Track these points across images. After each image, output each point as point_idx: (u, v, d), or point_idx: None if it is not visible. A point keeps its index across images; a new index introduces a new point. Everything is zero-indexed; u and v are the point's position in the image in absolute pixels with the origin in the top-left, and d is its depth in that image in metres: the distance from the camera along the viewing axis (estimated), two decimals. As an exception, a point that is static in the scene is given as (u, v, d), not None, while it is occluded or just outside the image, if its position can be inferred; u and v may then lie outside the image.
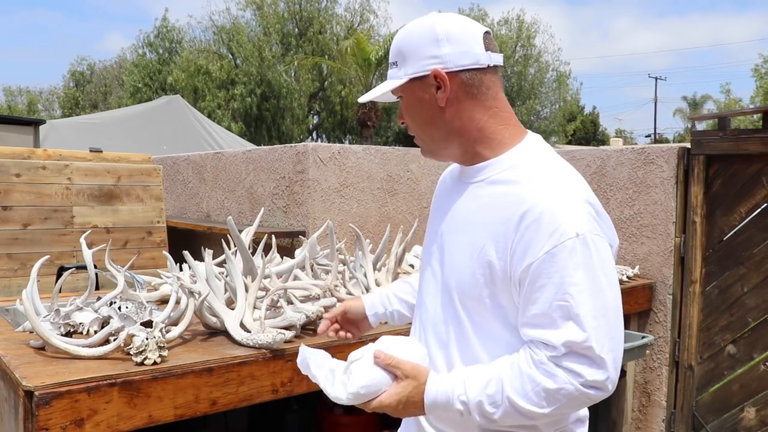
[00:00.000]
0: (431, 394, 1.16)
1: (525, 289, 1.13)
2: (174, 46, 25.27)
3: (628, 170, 3.59)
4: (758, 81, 27.71)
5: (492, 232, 1.17)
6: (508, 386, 1.12)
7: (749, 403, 3.20)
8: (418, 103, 1.27)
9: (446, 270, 1.28)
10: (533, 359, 1.12)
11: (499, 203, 1.18)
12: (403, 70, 1.27)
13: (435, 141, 1.30)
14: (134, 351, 1.68)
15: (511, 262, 1.14)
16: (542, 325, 1.12)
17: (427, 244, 1.40)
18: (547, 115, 27.37)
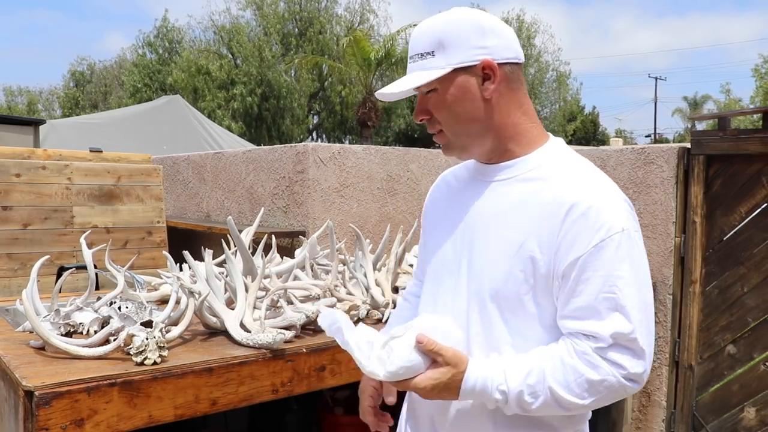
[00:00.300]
0: (469, 382, 1.14)
1: (570, 283, 1.14)
2: (174, 46, 25.27)
3: (628, 170, 3.59)
4: (758, 81, 27.72)
5: (534, 227, 1.17)
6: (550, 377, 1.13)
7: (749, 403, 3.20)
8: (462, 94, 1.21)
9: (476, 270, 1.23)
10: (576, 350, 1.13)
11: (537, 199, 1.19)
12: (445, 59, 1.20)
13: (471, 136, 1.25)
14: (134, 351, 1.68)
15: (556, 256, 1.15)
16: (587, 317, 1.13)
17: (438, 248, 1.33)
18: (547, 115, 27.37)
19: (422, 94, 1.25)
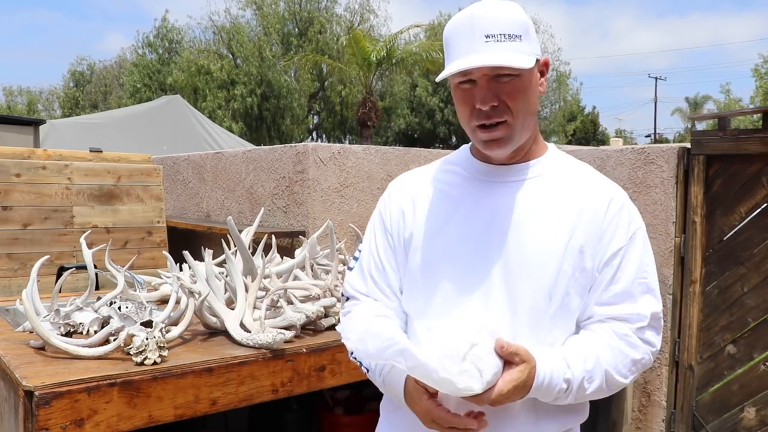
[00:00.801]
0: (541, 375, 1.13)
1: (611, 271, 1.21)
2: (174, 46, 25.27)
3: (628, 170, 3.59)
4: (758, 81, 27.72)
5: (580, 222, 1.21)
6: (603, 361, 1.18)
7: (749, 403, 3.20)
8: (535, 85, 1.22)
9: (519, 272, 1.20)
10: (617, 333, 1.21)
11: (576, 195, 1.23)
12: (530, 47, 1.19)
13: (528, 129, 1.23)
14: (134, 351, 1.68)
15: (598, 248, 1.21)
16: (623, 301, 1.22)
17: (450, 256, 1.23)
18: (547, 115, 27.35)
19: (491, 78, 1.16)
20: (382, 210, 1.38)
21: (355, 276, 1.38)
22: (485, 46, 1.14)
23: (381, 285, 1.33)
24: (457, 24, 1.19)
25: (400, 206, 1.33)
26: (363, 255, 1.39)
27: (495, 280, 1.21)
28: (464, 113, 1.22)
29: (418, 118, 26.29)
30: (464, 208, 1.26)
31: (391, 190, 1.39)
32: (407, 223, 1.31)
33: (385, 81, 24.34)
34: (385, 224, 1.35)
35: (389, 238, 1.34)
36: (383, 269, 1.34)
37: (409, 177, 1.39)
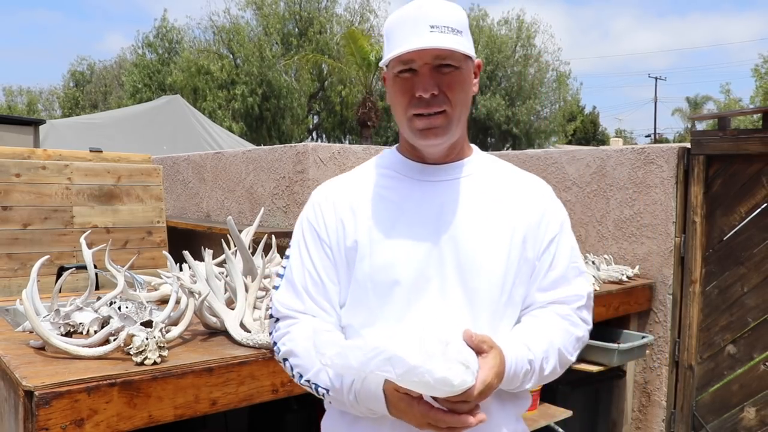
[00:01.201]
0: (509, 360, 1.15)
1: (548, 258, 1.28)
2: (174, 46, 25.26)
3: (628, 170, 3.59)
4: (758, 81, 27.72)
5: (522, 215, 1.27)
6: (555, 341, 1.24)
7: (749, 403, 3.20)
8: (470, 82, 1.24)
9: (471, 267, 1.22)
10: (560, 314, 1.28)
11: (510, 189, 1.29)
12: (469, 44, 1.22)
13: (462, 124, 1.26)
14: (134, 351, 1.68)
15: (537, 238, 1.28)
16: (561, 285, 1.29)
17: (402, 259, 1.21)
18: (547, 115, 27.35)
19: (433, 68, 1.18)
20: (314, 222, 1.29)
21: (287, 294, 1.29)
22: (430, 35, 1.15)
23: (319, 300, 1.26)
24: (401, 16, 1.20)
25: (338, 216, 1.27)
26: (293, 271, 1.29)
27: (450, 278, 1.22)
28: (401, 102, 1.21)
29: (418, 118, 26.23)
30: (409, 211, 1.25)
31: (319, 200, 1.31)
32: (348, 233, 1.25)
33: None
34: (320, 236, 1.28)
35: (327, 250, 1.27)
36: (321, 283, 1.26)
37: (339, 185, 1.32)
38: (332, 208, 1.28)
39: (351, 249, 1.25)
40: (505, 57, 25.82)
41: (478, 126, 26.04)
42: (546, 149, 4.69)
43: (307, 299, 1.26)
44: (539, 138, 26.66)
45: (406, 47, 1.15)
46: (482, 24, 27.07)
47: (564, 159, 3.93)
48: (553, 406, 3.09)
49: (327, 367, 1.12)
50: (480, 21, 27.12)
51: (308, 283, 1.27)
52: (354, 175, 1.35)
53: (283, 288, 1.30)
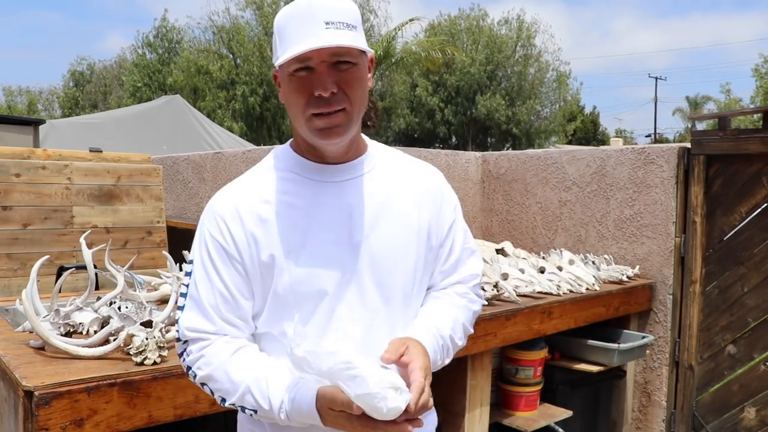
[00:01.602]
0: (430, 350, 1.21)
1: (448, 242, 1.35)
2: (173, 46, 25.26)
3: (629, 170, 3.59)
4: (758, 81, 27.72)
5: (424, 207, 1.31)
6: (459, 318, 1.34)
7: (749, 403, 3.20)
8: (366, 78, 1.22)
9: (384, 265, 1.24)
10: (458, 293, 1.38)
11: (409, 180, 1.32)
12: (362, 39, 1.19)
13: (359, 121, 1.23)
14: (134, 351, 1.68)
15: (438, 226, 1.33)
16: (459, 267, 1.38)
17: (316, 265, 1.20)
18: (547, 115, 27.36)
19: (330, 65, 1.15)
20: (219, 237, 1.21)
21: (194, 315, 1.22)
22: (326, 32, 1.12)
23: (231, 318, 1.22)
24: (294, 12, 1.16)
25: (247, 230, 1.21)
26: (199, 290, 1.22)
27: (366, 279, 1.23)
28: (299, 102, 1.16)
29: (418, 118, 26.29)
30: (319, 217, 1.22)
31: (222, 214, 1.22)
32: (262, 246, 1.20)
33: (385, 81, 24.33)
34: (228, 252, 1.21)
35: (238, 266, 1.21)
36: (234, 301, 1.22)
37: (240, 194, 1.25)
38: (239, 221, 1.21)
39: (266, 263, 1.20)
40: (505, 57, 25.83)
41: (478, 126, 26.05)
42: (546, 149, 4.69)
43: (217, 319, 1.21)
44: (539, 138, 26.67)
45: (303, 46, 1.11)
46: (482, 24, 27.08)
47: (564, 159, 3.93)
48: (553, 407, 3.09)
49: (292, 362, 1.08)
50: (480, 21, 27.13)
51: (218, 302, 1.21)
52: (253, 182, 1.27)
53: (189, 309, 1.23)
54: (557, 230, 3.97)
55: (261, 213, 1.22)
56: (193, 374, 1.22)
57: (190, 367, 1.22)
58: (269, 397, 1.14)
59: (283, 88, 1.21)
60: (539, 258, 3.44)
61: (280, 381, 1.15)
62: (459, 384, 2.61)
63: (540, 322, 2.80)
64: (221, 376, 1.18)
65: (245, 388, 1.16)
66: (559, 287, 2.99)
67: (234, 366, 1.18)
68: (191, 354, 1.22)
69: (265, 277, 1.21)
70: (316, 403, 1.10)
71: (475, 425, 2.66)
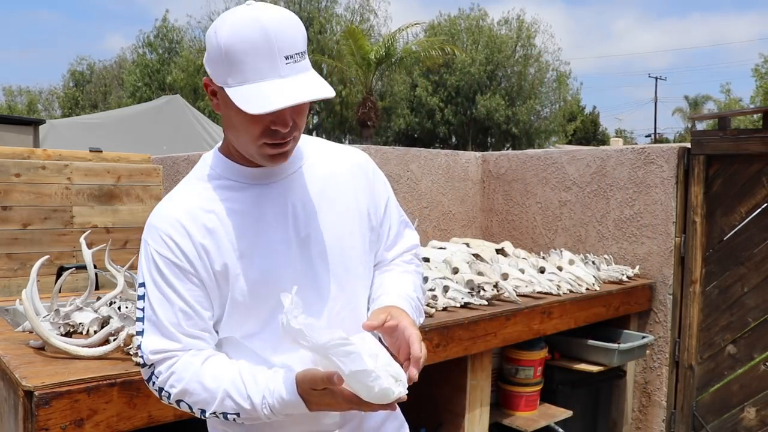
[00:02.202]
0: (406, 309, 1.27)
1: (387, 220, 1.40)
2: (174, 46, 25.27)
3: (629, 170, 3.59)
4: (758, 81, 27.72)
5: (359, 191, 1.34)
6: (417, 282, 1.42)
7: (749, 404, 3.20)
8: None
9: (332, 253, 1.27)
10: (405, 261, 1.45)
11: (339, 166, 1.33)
12: (309, 63, 1.18)
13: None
14: (134, 351, 1.68)
15: (375, 206, 1.37)
16: (400, 239, 1.45)
17: (273, 264, 1.21)
18: (547, 115, 27.36)
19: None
20: (168, 254, 1.19)
21: (155, 338, 1.19)
22: (287, 69, 1.10)
23: (195, 332, 1.20)
24: (251, 39, 1.09)
25: (196, 242, 1.20)
26: (156, 311, 1.19)
27: (320, 272, 1.26)
28: (252, 132, 1.14)
29: (418, 118, 26.28)
30: (263, 218, 1.23)
31: (166, 230, 1.20)
32: (214, 257, 1.20)
33: (385, 81, 24.34)
34: (181, 267, 1.19)
35: (193, 278, 1.20)
36: (195, 314, 1.20)
37: (180, 209, 1.22)
38: (186, 235, 1.19)
39: (221, 272, 1.20)
40: (505, 57, 25.82)
41: (478, 126, 26.06)
42: (546, 149, 4.69)
43: (181, 337, 1.19)
44: (539, 138, 26.66)
45: (272, 102, 1.08)
46: (482, 24, 27.07)
47: (564, 159, 3.93)
48: (553, 407, 3.09)
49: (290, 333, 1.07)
50: (480, 21, 27.13)
51: (180, 319, 1.19)
52: (191, 193, 1.25)
53: (150, 332, 1.20)
54: (557, 230, 3.97)
55: (206, 223, 1.21)
56: (167, 394, 1.19)
57: (162, 388, 1.19)
58: (249, 396, 1.14)
59: (225, 107, 1.17)
60: (539, 258, 3.44)
61: (257, 379, 1.15)
62: (459, 384, 2.61)
63: (540, 322, 2.79)
64: (196, 387, 1.16)
65: (223, 393, 1.15)
66: (559, 287, 2.99)
67: (206, 375, 1.16)
68: (161, 375, 1.19)
69: (221, 285, 1.21)
70: (297, 389, 1.10)
71: (475, 425, 2.66)
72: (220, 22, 1.13)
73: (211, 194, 1.23)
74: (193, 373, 1.17)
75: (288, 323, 1.06)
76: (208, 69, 1.16)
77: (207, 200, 1.23)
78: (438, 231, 4.12)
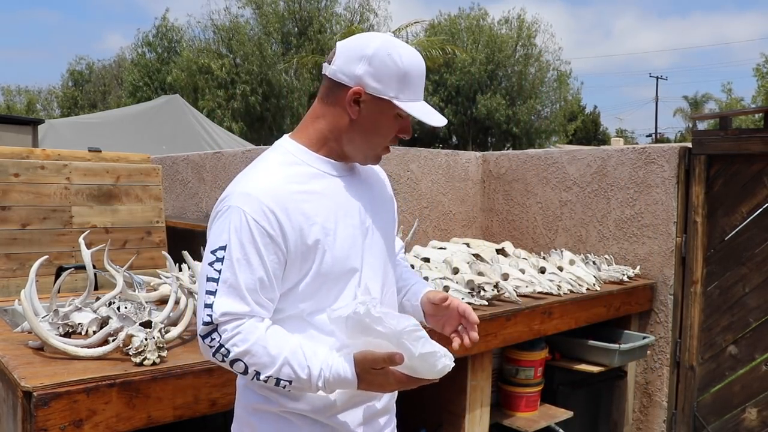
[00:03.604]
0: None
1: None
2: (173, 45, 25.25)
3: (629, 170, 3.58)
4: (760, 80, 27.71)
5: (392, 197, 1.62)
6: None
7: (751, 404, 3.20)
8: None
9: (389, 250, 1.52)
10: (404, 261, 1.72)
11: (374, 179, 1.57)
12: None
13: None
14: (133, 351, 1.67)
15: (394, 205, 1.62)
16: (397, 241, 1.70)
17: (349, 244, 1.39)
18: (548, 115, 27.33)
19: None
20: (265, 224, 1.29)
21: (230, 299, 1.27)
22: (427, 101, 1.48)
23: (264, 301, 1.31)
24: (419, 67, 1.39)
25: (294, 219, 1.32)
26: (238, 273, 1.28)
27: (376, 253, 1.46)
28: (390, 135, 1.42)
29: (417, 118, 26.22)
30: (343, 204, 1.41)
31: (267, 203, 1.30)
32: (307, 234, 1.33)
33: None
34: (274, 239, 1.29)
35: (279, 253, 1.31)
36: (270, 285, 1.31)
37: (282, 188, 1.34)
38: (285, 211, 1.31)
39: (311, 247, 1.34)
40: (505, 56, 25.80)
41: (479, 125, 26.05)
42: (546, 149, 4.68)
43: (251, 302, 1.28)
44: (540, 138, 26.65)
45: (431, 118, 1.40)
46: (482, 23, 27.06)
47: (565, 159, 3.92)
48: (553, 407, 3.09)
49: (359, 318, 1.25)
50: (480, 20, 27.11)
51: (257, 285, 1.29)
52: (285, 174, 1.37)
53: (224, 293, 1.27)
54: (558, 230, 3.96)
55: (302, 202, 1.34)
56: (226, 351, 1.26)
57: (223, 345, 1.27)
58: (309, 366, 1.26)
59: (377, 113, 1.37)
60: (540, 258, 3.43)
61: (317, 352, 1.28)
62: (459, 384, 2.61)
63: (540, 323, 2.79)
64: (259, 350, 1.26)
65: (283, 359, 1.25)
66: (560, 287, 2.98)
67: (270, 341, 1.27)
68: (225, 333, 1.27)
69: (308, 258, 1.34)
70: (356, 368, 1.26)
71: (476, 426, 2.65)
72: (394, 48, 1.36)
73: (302, 178, 1.37)
74: (259, 337, 1.27)
75: (368, 311, 1.23)
76: (373, 84, 1.34)
77: (299, 183, 1.36)
78: (438, 231, 4.11)
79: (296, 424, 1.36)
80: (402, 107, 1.35)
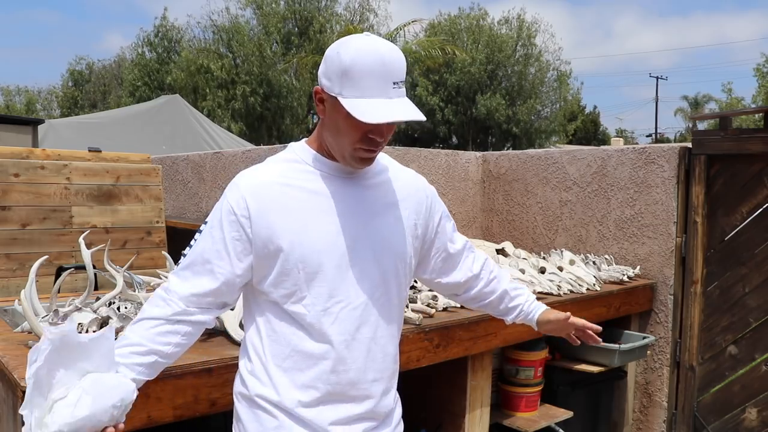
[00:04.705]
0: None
1: (444, 227, 1.64)
2: (173, 45, 25.24)
3: (629, 170, 3.58)
4: (760, 80, 27.69)
5: (416, 207, 1.55)
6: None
7: (751, 404, 3.19)
8: None
9: (387, 249, 1.47)
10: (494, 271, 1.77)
11: (409, 189, 1.55)
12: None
13: None
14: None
15: (428, 219, 1.58)
16: (470, 253, 1.72)
17: (324, 244, 1.39)
18: (548, 115, 27.32)
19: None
20: (236, 209, 1.39)
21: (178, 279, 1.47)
22: (394, 92, 1.32)
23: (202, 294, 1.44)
24: (369, 63, 1.30)
25: (264, 211, 1.38)
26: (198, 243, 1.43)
27: (369, 260, 1.44)
28: (352, 136, 1.34)
29: (417, 118, 26.21)
30: (329, 201, 1.41)
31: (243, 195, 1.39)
32: (274, 222, 1.38)
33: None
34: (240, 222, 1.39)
35: (242, 233, 1.39)
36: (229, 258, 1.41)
37: (263, 180, 1.41)
38: (256, 201, 1.38)
39: (279, 234, 1.37)
40: (505, 56, 25.79)
41: (478, 125, 26.05)
42: (547, 149, 4.68)
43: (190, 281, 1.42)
44: (540, 138, 26.63)
45: (376, 115, 1.29)
46: (482, 23, 27.05)
47: (565, 159, 3.92)
48: (553, 407, 3.09)
49: None
50: (480, 20, 27.10)
51: (212, 256, 1.40)
52: (275, 169, 1.44)
53: (181, 267, 1.45)
54: (558, 230, 3.96)
55: (280, 194, 1.39)
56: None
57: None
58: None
59: (333, 112, 1.35)
60: (540, 258, 3.43)
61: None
62: (459, 384, 2.61)
63: (541, 323, 2.78)
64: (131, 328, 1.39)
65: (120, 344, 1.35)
66: (560, 287, 2.98)
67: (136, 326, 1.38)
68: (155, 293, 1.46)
69: (273, 246, 1.37)
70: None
71: (476, 426, 2.65)
72: (344, 45, 1.33)
73: (294, 173, 1.43)
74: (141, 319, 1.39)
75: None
76: (324, 81, 1.35)
77: (287, 177, 1.42)
78: (438, 231, 4.11)
79: (272, 412, 1.40)
80: (343, 104, 1.30)
